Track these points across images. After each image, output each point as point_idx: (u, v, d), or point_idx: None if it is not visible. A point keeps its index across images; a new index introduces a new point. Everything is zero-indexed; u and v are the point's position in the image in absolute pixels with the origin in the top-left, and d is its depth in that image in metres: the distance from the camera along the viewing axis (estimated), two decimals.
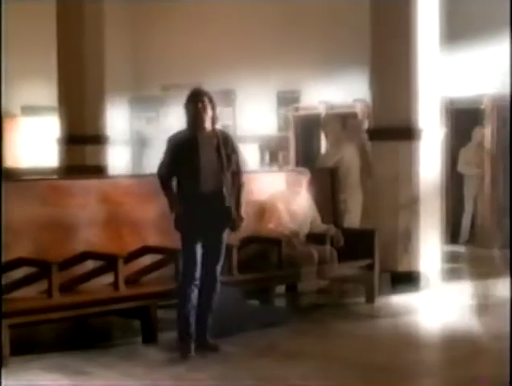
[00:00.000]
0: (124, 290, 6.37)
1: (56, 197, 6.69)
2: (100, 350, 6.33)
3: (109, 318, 6.91)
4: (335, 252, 7.59)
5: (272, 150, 13.40)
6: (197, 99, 6.12)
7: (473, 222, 11.19)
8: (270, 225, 7.60)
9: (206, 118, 6.13)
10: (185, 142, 6.12)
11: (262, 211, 7.67)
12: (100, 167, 11.50)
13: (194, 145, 6.09)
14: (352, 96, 11.83)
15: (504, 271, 8.75)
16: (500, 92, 10.55)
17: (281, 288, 8.01)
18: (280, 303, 7.83)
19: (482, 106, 10.92)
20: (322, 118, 10.90)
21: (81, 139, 11.70)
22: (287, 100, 13.30)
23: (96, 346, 6.45)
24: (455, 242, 11.03)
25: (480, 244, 10.77)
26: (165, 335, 6.53)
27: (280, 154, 13.21)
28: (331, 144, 9.61)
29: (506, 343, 5.90)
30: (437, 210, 8.84)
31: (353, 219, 9.16)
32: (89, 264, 6.52)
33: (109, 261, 6.42)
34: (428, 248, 8.64)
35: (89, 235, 6.70)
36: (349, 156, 9.24)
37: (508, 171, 10.20)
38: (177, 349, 6.12)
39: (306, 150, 12.48)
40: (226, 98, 13.72)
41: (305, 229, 7.78)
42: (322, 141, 10.96)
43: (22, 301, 6.07)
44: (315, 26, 12.76)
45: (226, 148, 6.17)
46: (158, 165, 6.25)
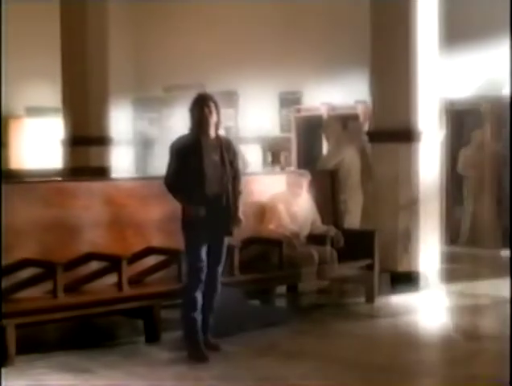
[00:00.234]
0: (128, 290, 6.39)
1: (61, 199, 6.70)
2: (104, 349, 6.35)
3: (113, 318, 6.91)
4: (335, 252, 7.59)
5: (274, 151, 13.36)
6: (203, 103, 6.07)
7: (473, 222, 11.15)
8: (271, 226, 7.59)
9: (211, 123, 6.08)
10: (190, 146, 6.06)
11: (263, 213, 7.67)
12: (104, 168, 11.41)
13: (199, 149, 6.04)
14: (353, 98, 11.79)
15: (504, 271, 8.77)
16: (500, 94, 10.59)
17: (282, 288, 8.02)
18: (281, 303, 7.85)
19: (482, 107, 10.94)
20: (323, 121, 10.92)
21: (85, 140, 11.64)
22: (289, 101, 13.26)
23: (100, 345, 6.47)
24: (455, 242, 11.00)
25: (480, 245, 10.79)
26: (168, 335, 6.55)
27: (282, 155, 13.17)
28: (332, 146, 9.59)
29: (506, 343, 5.92)
30: (436, 211, 8.86)
31: (354, 219, 9.15)
32: (93, 264, 6.52)
33: (113, 262, 6.42)
34: (428, 249, 8.66)
35: (94, 236, 6.71)
36: (350, 158, 9.22)
37: (508, 172, 10.21)
38: (193, 357, 6.04)
39: (308, 151, 12.41)
40: (229, 99, 13.66)
41: (305, 230, 7.78)
42: (323, 141, 10.96)
43: (27, 301, 6.11)
44: (317, 27, 12.74)
45: (229, 153, 6.17)
46: (165, 173, 6.14)
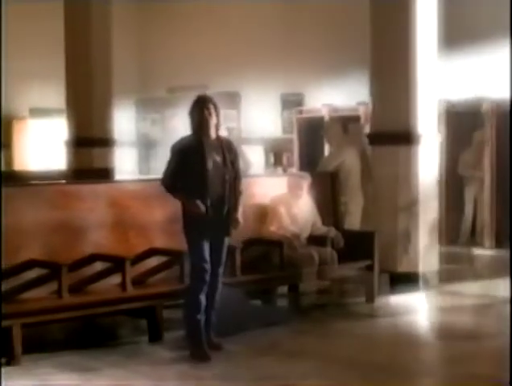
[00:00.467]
0: (131, 291, 6.44)
1: (66, 201, 6.76)
2: (108, 348, 6.40)
3: (117, 318, 6.96)
4: (335, 253, 7.63)
5: (276, 152, 13.36)
6: (203, 105, 6.12)
7: (473, 223, 11.17)
8: (272, 228, 7.61)
9: (211, 124, 6.13)
10: (192, 148, 6.09)
11: (264, 214, 7.69)
12: (107, 170, 11.39)
13: (201, 150, 6.08)
14: (355, 99, 11.77)
15: (503, 271, 8.80)
16: (500, 95, 10.62)
17: (283, 288, 8.00)
18: (282, 303, 7.81)
19: (483, 109, 10.98)
20: (325, 123, 10.96)
21: (89, 142, 11.62)
22: (291, 102, 13.25)
23: (104, 344, 6.51)
24: (455, 243, 11.01)
25: (480, 245, 10.81)
26: (170, 334, 6.59)
27: (284, 156, 13.17)
28: (333, 148, 9.64)
29: (505, 343, 5.96)
30: (435, 212, 8.88)
31: (354, 221, 9.21)
32: (98, 265, 6.56)
33: (117, 263, 6.47)
34: (427, 250, 8.68)
35: (98, 237, 6.76)
36: (350, 160, 9.27)
37: (508, 172, 10.25)
38: (195, 356, 6.08)
39: (310, 152, 12.38)
40: (231, 100, 13.70)
41: (306, 231, 7.81)
42: (325, 143, 11.00)
43: (33, 301, 6.17)
44: (318, 29, 12.73)
45: (230, 154, 6.21)
46: (163, 173, 6.18)
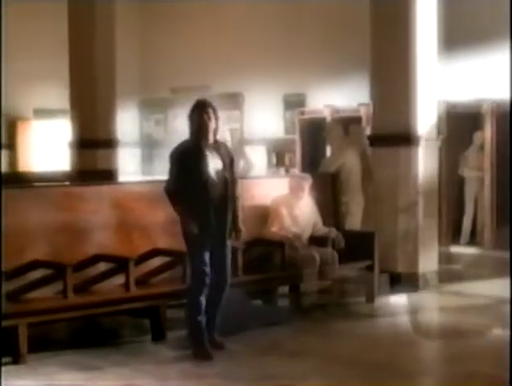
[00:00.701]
0: (134, 291, 6.51)
1: (70, 202, 6.83)
2: (112, 347, 6.46)
3: (121, 318, 7.00)
4: (336, 254, 7.67)
5: (279, 153, 13.33)
6: (202, 110, 6.17)
7: (474, 223, 11.14)
8: (274, 229, 7.67)
9: (210, 129, 6.17)
10: (191, 152, 6.14)
11: (266, 215, 7.74)
12: (111, 171, 11.37)
13: (201, 154, 6.13)
14: (356, 100, 11.73)
15: (503, 271, 8.85)
16: (500, 96, 10.64)
17: (284, 288, 8.06)
18: (283, 303, 7.90)
19: (483, 110, 11.01)
20: (326, 124, 10.96)
21: (93, 143, 11.57)
22: (293, 103, 13.21)
23: (108, 344, 6.57)
24: (455, 243, 10.99)
25: (480, 245, 10.80)
26: (173, 334, 6.66)
27: (287, 156, 13.15)
28: (334, 150, 9.67)
29: (505, 343, 6.01)
30: (435, 212, 8.93)
31: (355, 221, 9.24)
32: (102, 266, 6.63)
33: (121, 263, 6.53)
34: (427, 250, 8.73)
35: (102, 238, 6.83)
36: (351, 161, 9.31)
37: (508, 173, 10.28)
38: (198, 355, 6.14)
39: (312, 152, 12.33)
40: (234, 101, 13.71)
41: (307, 232, 7.86)
42: (327, 143, 11.03)
43: (39, 301, 6.24)
44: (320, 31, 12.72)
45: (228, 158, 6.26)
46: (166, 180, 6.21)
